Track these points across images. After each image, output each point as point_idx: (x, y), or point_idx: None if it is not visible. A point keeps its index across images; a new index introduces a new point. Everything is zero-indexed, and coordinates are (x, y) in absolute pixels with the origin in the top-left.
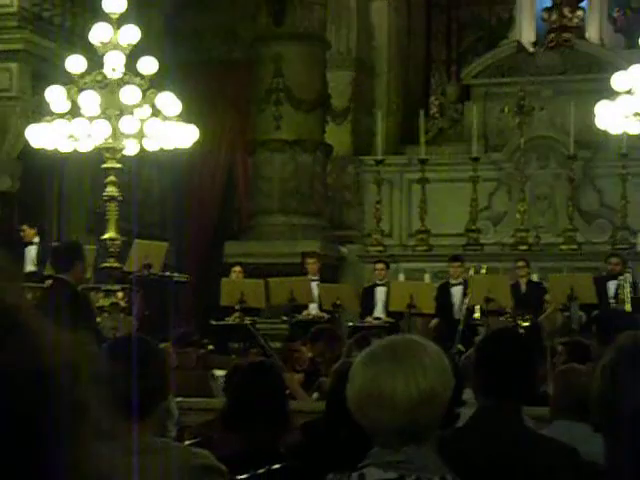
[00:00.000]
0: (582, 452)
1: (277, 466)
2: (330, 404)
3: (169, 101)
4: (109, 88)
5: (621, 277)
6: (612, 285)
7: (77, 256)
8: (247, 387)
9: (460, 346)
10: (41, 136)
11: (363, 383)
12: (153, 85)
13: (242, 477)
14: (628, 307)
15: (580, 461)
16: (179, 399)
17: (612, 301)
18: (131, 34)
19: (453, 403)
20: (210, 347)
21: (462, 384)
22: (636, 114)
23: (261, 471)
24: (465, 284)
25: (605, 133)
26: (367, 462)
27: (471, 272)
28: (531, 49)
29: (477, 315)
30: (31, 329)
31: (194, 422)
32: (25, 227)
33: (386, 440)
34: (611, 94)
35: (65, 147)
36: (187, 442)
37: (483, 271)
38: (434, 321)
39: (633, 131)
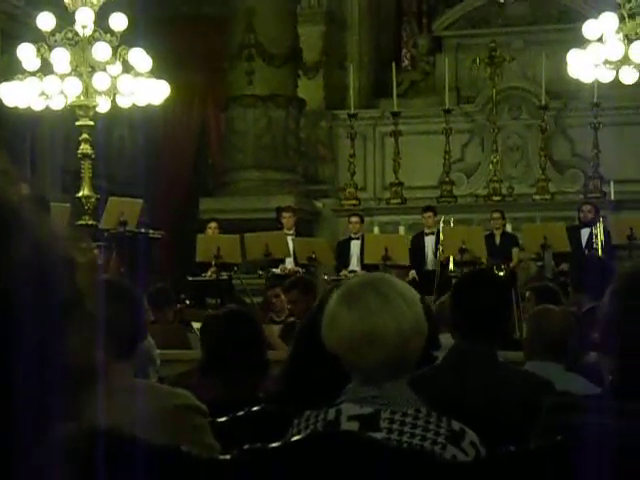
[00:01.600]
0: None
1: (256, 408)
2: (301, 347)
3: (140, 57)
4: (80, 45)
5: (598, 224)
6: (585, 233)
7: (44, 209)
8: (224, 334)
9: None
10: (13, 94)
11: (352, 324)
12: (124, 41)
13: (222, 419)
14: (602, 254)
15: (556, 391)
16: (157, 352)
17: (585, 249)
18: None
19: (429, 346)
20: (187, 302)
21: (437, 328)
22: (607, 62)
23: (240, 414)
24: (438, 234)
25: (577, 82)
26: (343, 398)
27: (441, 223)
28: (501, 0)
29: (452, 267)
30: (31, 224)
31: (173, 374)
32: None
33: (369, 377)
34: (582, 43)
35: (37, 105)
36: None
37: (451, 223)
38: (412, 273)
39: (604, 79)
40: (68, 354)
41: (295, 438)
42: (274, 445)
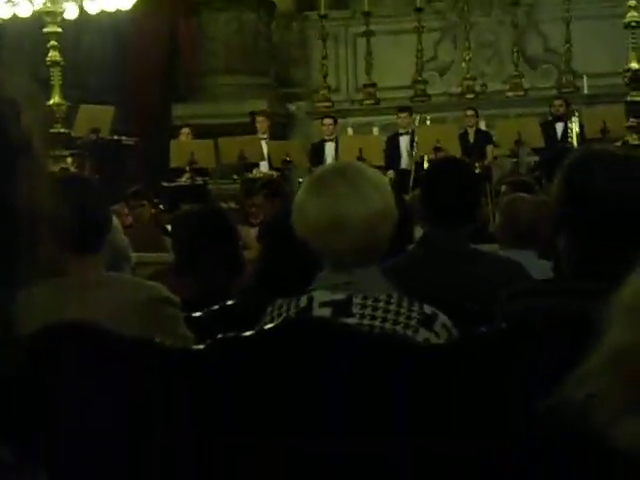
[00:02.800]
0: None
1: (230, 302)
2: (272, 238)
3: None
4: None
5: (573, 118)
6: (559, 128)
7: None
8: (196, 230)
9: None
10: None
11: (320, 211)
12: None
13: (196, 314)
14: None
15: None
16: (133, 254)
17: (560, 144)
18: None
19: (404, 239)
20: (162, 207)
21: (412, 222)
22: None
23: (214, 308)
24: (413, 134)
25: None
26: (315, 285)
27: (416, 123)
28: None
29: (426, 165)
30: None
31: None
32: None
33: (339, 263)
34: None
35: (3, 13)
36: None
37: (428, 122)
38: (389, 173)
39: None
40: (19, 196)
41: (268, 326)
42: (247, 334)
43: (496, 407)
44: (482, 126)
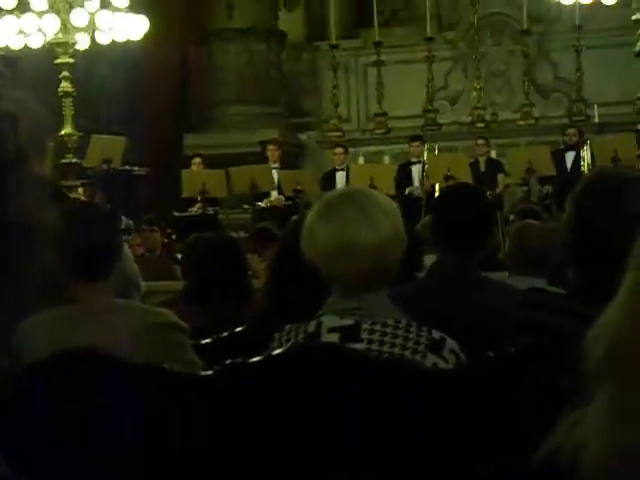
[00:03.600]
0: None
1: (239, 329)
2: (281, 263)
3: None
4: None
5: (585, 147)
6: (569, 156)
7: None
8: (208, 259)
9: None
10: None
11: (329, 235)
12: None
13: (205, 341)
14: None
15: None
16: (143, 283)
17: (570, 172)
18: None
19: (413, 267)
20: (174, 237)
21: (421, 249)
22: None
23: (223, 335)
24: (424, 163)
25: (558, 5)
26: (324, 310)
27: (425, 151)
28: None
29: (437, 194)
30: None
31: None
32: None
33: (348, 288)
34: None
35: (16, 44)
36: None
37: (436, 151)
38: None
39: (585, 0)
40: (18, 211)
41: (276, 352)
42: (255, 359)
43: (503, 433)
44: (493, 155)
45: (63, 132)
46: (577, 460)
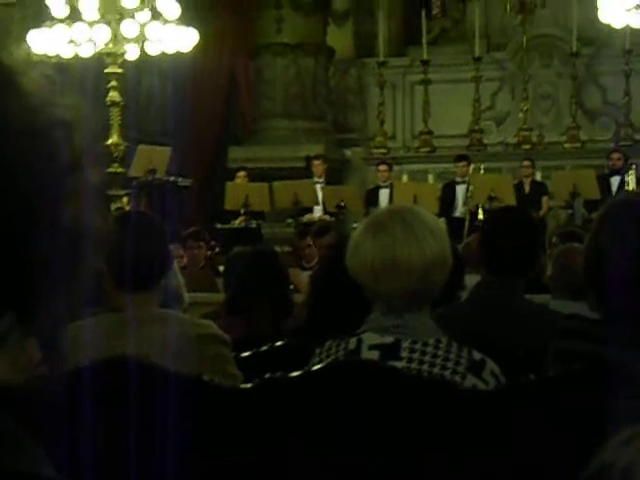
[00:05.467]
0: None
1: (280, 343)
2: (324, 278)
3: (168, 4)
4: None
5: (630, 171)
6: (615, 181)
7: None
8: (249, 271)
9: None
10: (42, 42)
11: (375, 252)
12: None
13: (245, 354)
14: None
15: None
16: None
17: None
18: None
19: (455, 286)
20: (217, 250)
21: (463, 268)
22: (638, 7)
23: (264, 348)
24: (468, 183)
25: (608, 28)
26: (365, 327)
27: (470, 171)
28: None
29: (480, 216)
30: (27, 87)
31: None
32: None
33: (390, 306)
34: None
35: (66, 53)
36: None
37: (482, 171)
38: (441, 221)
39: (636, 25)
40: (70, 219)
41: (316, 367)
42: (295, 374)
43: (542, 455)
44: (538, 177)
45: (110, 141)
46: (628, 478)
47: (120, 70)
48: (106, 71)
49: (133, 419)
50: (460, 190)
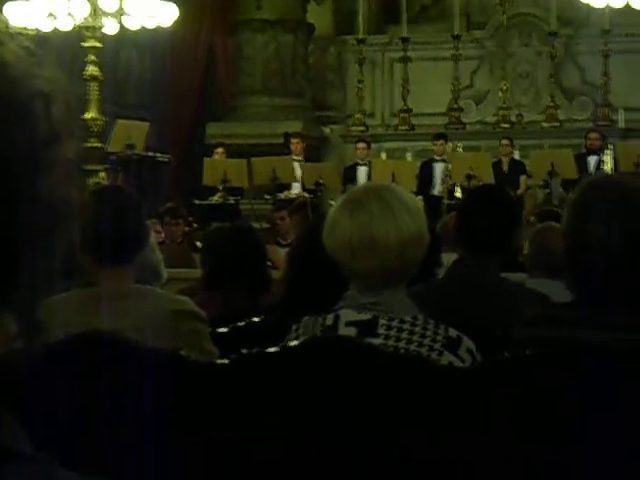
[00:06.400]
0: None
1: (256, 320)
2: (301, 255)
3: None
4: None
5: (607, 151)
6: (592, 160)
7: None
8: (227, 248)
9: None
10: (20, 15)
11: (353, 229)
12: None
13: (222, 330)
14: None
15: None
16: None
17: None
18: None
19: (432, 263)
20: (194, 225)
21: (440, 246)
22: None
23: (240, 324)
24: (447, 162)
25: (587, 8)
26: (342, 304)
27: (448, 150)
28: None
29: (458, 194)
30: (4, 60)
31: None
32: None
33: (367, 283)
34: None
35: (45, 26)
36: None
37: (459, 149)
38: (419, 199)
39: (615, 5)
40: (48, 191)
41: (293, 343)
42: (272, 350)
43: (520, 430)
44: (516, 156)
45: (88, 116)
46: None
47: (99, 44)
48: (84, 45)
49: (107, 395)
50: (438, 168)
